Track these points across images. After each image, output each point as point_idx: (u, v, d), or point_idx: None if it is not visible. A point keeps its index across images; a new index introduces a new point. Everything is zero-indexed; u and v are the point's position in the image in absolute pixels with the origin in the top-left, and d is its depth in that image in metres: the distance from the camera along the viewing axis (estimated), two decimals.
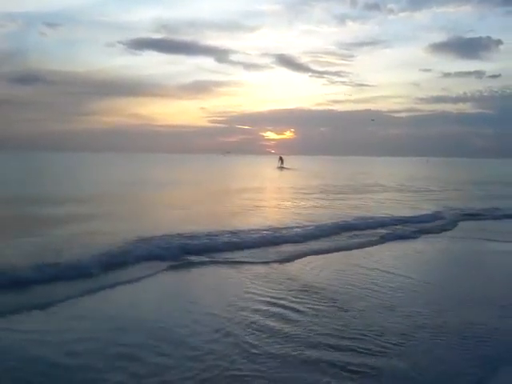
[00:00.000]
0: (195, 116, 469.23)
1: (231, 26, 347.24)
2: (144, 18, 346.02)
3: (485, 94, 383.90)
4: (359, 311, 6.46)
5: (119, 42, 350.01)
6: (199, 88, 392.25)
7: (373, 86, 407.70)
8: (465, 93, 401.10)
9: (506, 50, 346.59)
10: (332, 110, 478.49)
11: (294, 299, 6.95)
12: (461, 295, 7.51)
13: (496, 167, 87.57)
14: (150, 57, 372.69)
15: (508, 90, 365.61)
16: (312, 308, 6.53)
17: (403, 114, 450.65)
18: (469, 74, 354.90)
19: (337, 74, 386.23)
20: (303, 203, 20.87)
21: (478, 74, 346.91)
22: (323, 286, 7.72)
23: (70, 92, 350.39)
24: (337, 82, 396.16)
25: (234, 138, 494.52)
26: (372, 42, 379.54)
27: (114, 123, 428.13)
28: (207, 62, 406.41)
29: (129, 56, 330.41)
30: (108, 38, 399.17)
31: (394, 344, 5.31)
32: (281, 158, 67.16)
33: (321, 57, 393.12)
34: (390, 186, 33.59)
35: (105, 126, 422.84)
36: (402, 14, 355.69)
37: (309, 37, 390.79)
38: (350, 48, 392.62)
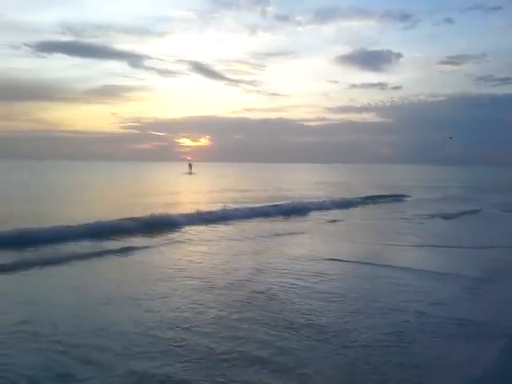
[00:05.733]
0: (106, 122, 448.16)
1: (141, 31, 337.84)
2: (48, 20, 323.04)
3: (387, 104, 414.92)
4: None
5: (25, 45, 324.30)
6: (110, 93, 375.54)
7: (285, 95, 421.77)
8: (369, 103, 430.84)
9: (406, 63, 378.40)
10: (246, 118, 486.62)
11: None
12: None
13: (396, 172, 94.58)
14: (59, 60, 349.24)
15: (407, 101, 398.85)
16: None
17: (313, 123, 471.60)
18: (373, 85, 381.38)
19: (251, 83, 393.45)
20: None
21: (382, 86, 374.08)
22: None
23: None
24: (251, 90, 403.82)
25: (148, 145, 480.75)
26: (283, 53, 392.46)
27: (19, 129, 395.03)
28: (120, 66, 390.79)
29: (36, 59, 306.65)
30: (13, 39, 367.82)
31: None
32: (190, 165, 73.46)
33: (234, 65, 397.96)
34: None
35: (9, 131, 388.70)
36: (309, 27, 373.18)
37: (221, 45, 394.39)
38: (262, 58, 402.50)
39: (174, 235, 12.95)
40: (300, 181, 51.98)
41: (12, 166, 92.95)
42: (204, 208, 17.57)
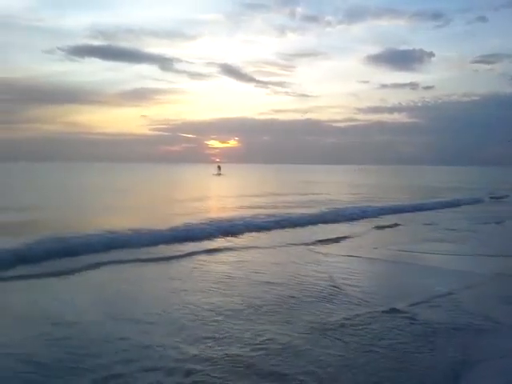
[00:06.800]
0: (136, 124, 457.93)
1: (171, 34, 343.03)
2: (80, 24, 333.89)
3: (418, 104, 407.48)
4: None
5: (59, 49, 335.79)
6: (141, 96, 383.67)
7: (314, 96, 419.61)
8: (400, 103, 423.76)
9: (438, 62, 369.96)
10: (275, 119, 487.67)
11: None
12: None
13: (416, 173, 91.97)
14: (92, 64, 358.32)
15: (440, 101, 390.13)
16: None
17: (342, 124, 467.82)
18: (404, 85, 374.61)
19: (280, 84, 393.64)
20: None
21: (413, 86, 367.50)
22: None
23: (4, 99, 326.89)
24: (280, 92, 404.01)
25: (177, 147, 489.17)
26: (312, 53, 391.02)
27: (52, 131, 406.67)
28: (151, 69, 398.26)
29: (69, 63, 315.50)
30: (47, 44, 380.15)
31: None
32: (218, 166, 74.74)
33: (263, 67, 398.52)
34: None
35: (42, 134, 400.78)
36: (339, 27, 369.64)
37: (250, 47, 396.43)
38: (291, 59, 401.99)
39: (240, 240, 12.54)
40: (341, 183, 50.38)
41: (51, 168, 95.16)
42: (253, 213, 17.10)
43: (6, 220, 14.93)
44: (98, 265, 9.05)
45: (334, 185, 46.42)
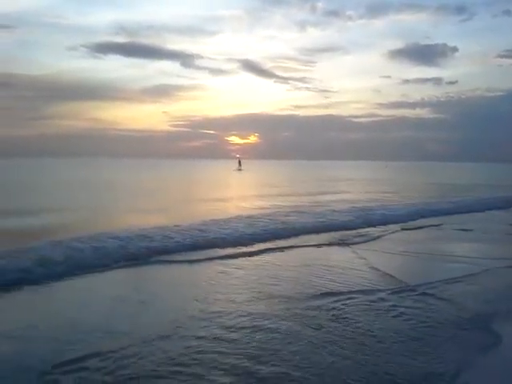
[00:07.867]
0: (157, 120, 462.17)
1: (192, 31, 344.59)
2: (103, 22, 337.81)
3: (442, 99, 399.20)
4: None
5: (82, 46, 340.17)
6: (163, 92, 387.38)
7: (335, 91, 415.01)
8: (422, 98, 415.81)
9: (462, 57, 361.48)
10: (295, 115, 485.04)
11: None
12: None
13: (453, 170, 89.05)
14: (114, 61, 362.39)
15: (463, 96, 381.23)
16: None
17: (363, 119, 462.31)
18: (427, 80, 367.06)
19: (300, 79, 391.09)
20: None
21: (436, 81, 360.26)
22: None
23: (29, 96, 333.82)
24: (301, 87, 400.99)
25: (198, 143, 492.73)
26: (332, 48, 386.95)
27: (75, 127, 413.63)
28: (173, 66, 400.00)
29: (92, 59, 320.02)
30: (70, 41, 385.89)
31: None
32: (239, 161, 76.77)
33: (284, 62, 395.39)
34: None
35: (66, 130, 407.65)
36: (360, 21, 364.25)
37: (270, 42, 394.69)
38: (312, 54, 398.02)
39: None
40: (375, 180, 48.15)
41: (76, 164, 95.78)
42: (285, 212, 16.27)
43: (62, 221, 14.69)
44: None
45: (368, 182, 44.07)
